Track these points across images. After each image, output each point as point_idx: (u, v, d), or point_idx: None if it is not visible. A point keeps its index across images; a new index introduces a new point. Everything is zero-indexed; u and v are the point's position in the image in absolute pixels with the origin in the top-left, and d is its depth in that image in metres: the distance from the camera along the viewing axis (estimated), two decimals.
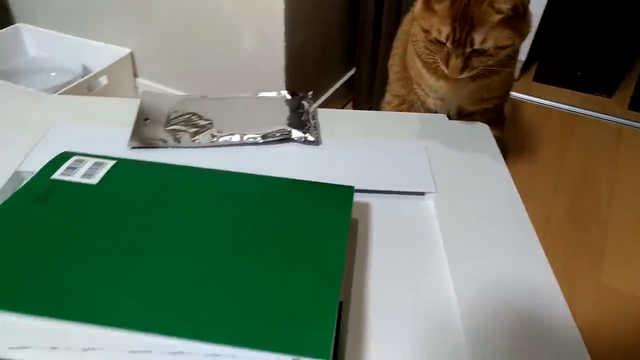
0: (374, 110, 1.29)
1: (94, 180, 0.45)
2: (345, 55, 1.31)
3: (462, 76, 0.65)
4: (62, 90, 1.07)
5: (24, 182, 0.53)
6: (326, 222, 0.42)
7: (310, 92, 0.72)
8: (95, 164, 0.48)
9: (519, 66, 1.63)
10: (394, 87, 0.92)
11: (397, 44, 0.91)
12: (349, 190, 0.47)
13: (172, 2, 1.09)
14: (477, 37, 0.61)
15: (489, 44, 0.62)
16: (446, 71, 0.65)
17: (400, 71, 0.89)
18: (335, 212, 0.43)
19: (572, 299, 0.92)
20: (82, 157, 0.49)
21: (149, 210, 0.42)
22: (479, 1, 0.61)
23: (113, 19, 1.21)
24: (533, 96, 1.56)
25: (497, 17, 0.61)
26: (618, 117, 1.47)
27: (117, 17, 1.20)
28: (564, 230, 1.08)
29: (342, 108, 1.38)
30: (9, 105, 0.67)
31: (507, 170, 0.61)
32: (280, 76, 1.04)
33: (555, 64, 1.61)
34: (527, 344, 0.38)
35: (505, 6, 0.60)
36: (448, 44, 0.63)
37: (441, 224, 0.51)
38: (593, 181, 1.24)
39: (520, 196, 0.57)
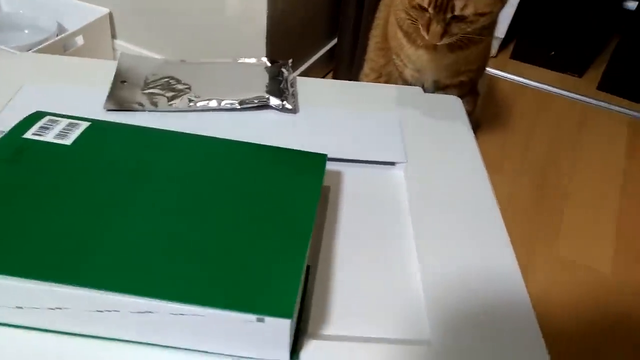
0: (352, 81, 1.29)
1: (68, 141, 0.45)
2: (327, 25, 1.29)
3: (442, 42, 0.66)
4: (35, 49, 1.03)
5: None
6: (298, 188, 0.42)
7: (290, 60, 0.71)
8: (70, 124, 0.47)
9: (497, 43, 1.63)
10: (373, 57, 0.92)
11: (379, 15, 0.91)
12: (321, 158, 0.48)
13: None
14: (458, 3, 0.63)
15: (469, 10, 0.63)
16: (426, 37, 0.66)
17: (380, 42, 0.89)
18: (307, 179, 0.44)
19: (530, 270, 0.96)
20: (56, 117, 0.48)
21: (122, 172, 0.42)
22: None
23: None
24: (509, 73, 1.57)
25: None
26: (586, 97, 1.50)
27: None
28: (527, 203, 1.11)
29: (323, 78, 1.37)
30: None
31: (476, 145, 0.62)
32: (261, 42, 1.02)
33: (531, 42, 1.62)
34: (484, 320, 0.40)
35: None
36: (430, 9, 0.64)
37: (409, 194, 0.53)
38: (557, 158, 1.28)
39: (488, 170, 0.58)
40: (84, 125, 0.47)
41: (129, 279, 0.32)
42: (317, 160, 0.47)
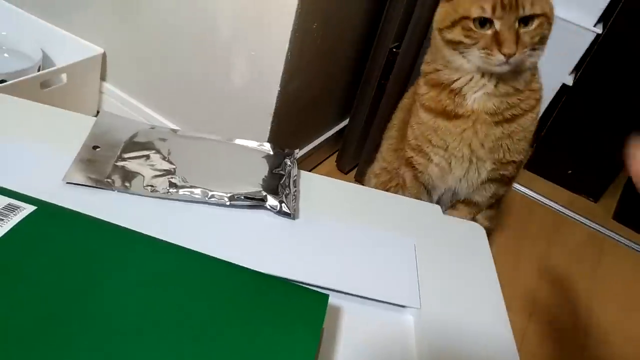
0: (358, 170, 1.26)
1: (1, 230, 0.36)
2: (337, 107, 1.28)
3: (518, 53, 0.66)
4: (11, 81, 0.96)
5: None
6: (293, 332, 0.36)
7: (297, 151, 0.65)
8: (8, 206, 0.39)
9: None
10: (386, 157, 0.90)
11: (397, 115, 0.90)
12: (322, 300, 0.41)
13: (165, 7, 1.02)
14: (527, 2, 0.65)
15: (537, 8, 0.66)
16: (497, 55, 0.66)
17: (395, 143, 0.87)
18: (305, 324, 0.37)
19: None
20: None
21: (63, 287, 0.34)
22: None
23: (90, 9, 1.13)
24: (523, 185, 1.56)
25: None
26: (603, 227, 1.47)
27: (95, 8, 1.12)
28: (544, 341, 1.05)
29: (326, 159, 1.34)
30: None
31: (499, 285, 0.56)
32: (267, 119, 0.98)
33: (549, 157, 1.63)
34: None
35: None
36: (496, 14, 0.64)
37: (419, 349, 0.45)
38: (574, 292, 1.22)
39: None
40: (27, 209, 0.39)
41: None
42: (318, 302, 0.40)
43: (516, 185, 1.55)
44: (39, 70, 1.09)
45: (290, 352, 0.34)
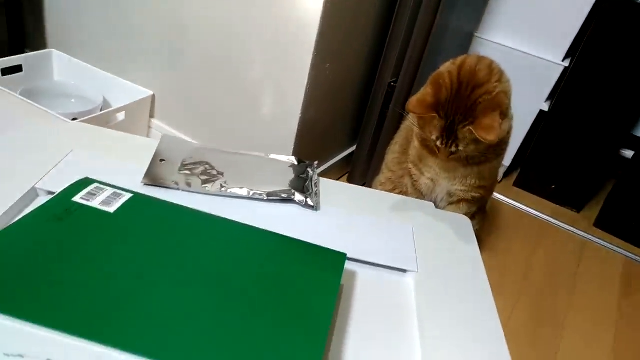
0: (367, 186, 1.34)
1: (111, 208, 0.47)
2: (349, 133, 1.38)
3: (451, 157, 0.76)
4: (80, 120, 1.10)
5: (39, 198, 0.54)
6: (318, 282, 0.44)
7: (316, 162, 0.76)
8: (114, 194, 0.50)
9: (502, 171, 1.71)
10: (391, 168, 0.98)
11: (400, 134, 0.98)
12: (341, 257, 0.49)
13: (203, 55, 1.16)
14: (461, 145, 0.73)
15: (470, 148, 0.73)
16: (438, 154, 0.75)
17: (399, 157, 0.95)
18: (327, 275, 0.45)
19: None
20: (102, 186, 0.51)
21: (159, 244, 0.44)
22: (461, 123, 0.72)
23: (142, 59, 1.27)
24: (511, 199, 1.63)
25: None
26: (583, 232, 1.54)
27: (146, 58, 1.26)
28: (523, 331, 1.10)
29: (338, 179, 1.43)
30: (32, 125, 0.69)
31: (483, 265, 0.64)
32: (290, 142, 1.09)
33: (534, 174, 1.70)
34: None
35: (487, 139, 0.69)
36: (438, 144, 0.73)
37: (418, 302, 0.54)
38: (554, 287, 1.28)
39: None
40: (127, 196, 0.50)
41: (160, 347, 0.33)
42: (338, 258, 0.49)
43: (504, 199, 1.63)
44: (101, 111, 1.22)
45: (317, 292, 0.43)
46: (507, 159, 1.66)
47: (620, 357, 1.11)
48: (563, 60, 1.47)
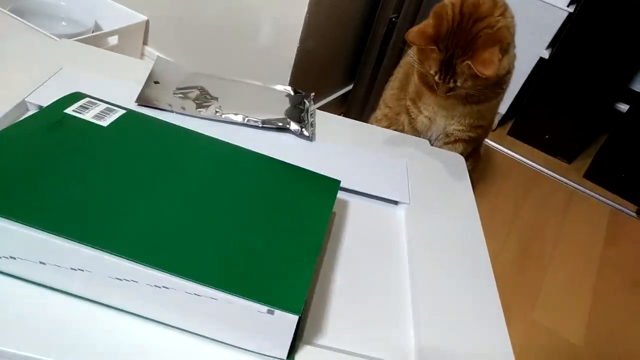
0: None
1: (104, 122, 0.46)
2: (346, 71, 1.35)
3: (449, 95, 0.75)
4: (72, 40, 1.05)
5: (29, 113, 0.53)
6: (312, 204, 0.44)
7: (312, 93, 0.74)
8: (107, 109, 0.48)
9: (497, 119, 1.70)
10: (389, 104, 0.96)
11: (399, 69, 0.96)
12: (335, 183, 0.50)
13: None
14: (459, 79, 0.71)
15: (468, 84, 0.72)
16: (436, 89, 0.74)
17: (397, 93, 0.94)
18: (321, 198, 0.46)
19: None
20: (95, 100, 0.50)
21: (153, 157, 0.43)
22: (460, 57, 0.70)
23: None
24: (504, 147, 1.63)
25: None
26: (573, 182, 1.56)
27: None
28: (509, 268, 1.14)
29: None
30: (23, 43, 0.66)
31: (475, 202, 0.65)
32: (287, 73, 1.06)
33: (528, 124, 1.69)
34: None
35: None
36: (436, 78, 0.71)
37: (408, 234, 0.54)
38: (542, 232, 1.31)
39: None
40: (120, 112, 0.49)
41: (152, 252, 0.33)
42: (331, 184, 0.49)
43: (498, 147, 1.63)
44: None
45: (310, 213, 0.43)
46: (503, 107, 1.65)
47: (600, 295, 1.15)
48: (568, 6, 1.42)
